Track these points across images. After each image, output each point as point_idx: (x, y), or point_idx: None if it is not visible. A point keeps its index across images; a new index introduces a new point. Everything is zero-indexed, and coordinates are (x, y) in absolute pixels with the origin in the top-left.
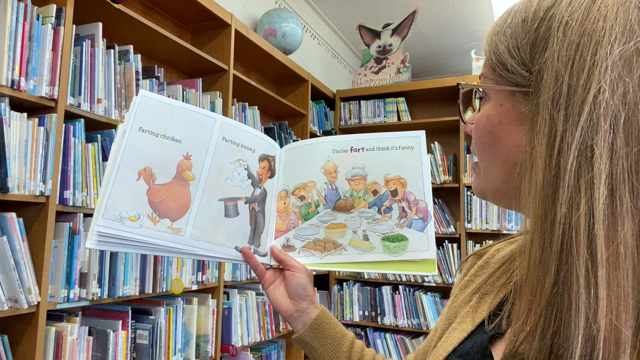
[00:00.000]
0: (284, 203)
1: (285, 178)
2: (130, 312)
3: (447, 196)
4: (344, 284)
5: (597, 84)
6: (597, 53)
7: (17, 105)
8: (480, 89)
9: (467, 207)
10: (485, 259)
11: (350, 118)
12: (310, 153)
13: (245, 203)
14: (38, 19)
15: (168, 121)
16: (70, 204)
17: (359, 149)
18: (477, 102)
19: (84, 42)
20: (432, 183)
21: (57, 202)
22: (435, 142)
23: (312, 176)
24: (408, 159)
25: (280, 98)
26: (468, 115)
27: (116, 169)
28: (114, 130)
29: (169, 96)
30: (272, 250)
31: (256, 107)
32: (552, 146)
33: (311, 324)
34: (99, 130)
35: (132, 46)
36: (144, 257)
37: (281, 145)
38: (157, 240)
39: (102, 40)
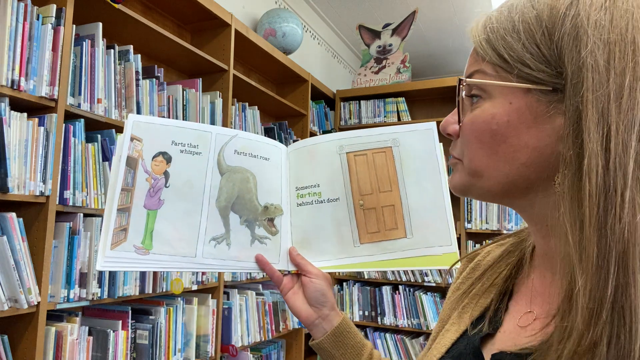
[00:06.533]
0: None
1: (295, 180)
2: (130, 312)
3: None
4: (344, 284)
5: None
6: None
7: (17, 105)
8: (475, 87)
9: (467, 207)
10: (477, 261)
11: (350, 118)
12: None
13: None
14: (38, 19)
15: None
16: (70, 204)
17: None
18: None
19: (84, 42)
20: None
21: (57, 202)
22: None
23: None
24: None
25: (280, 98)
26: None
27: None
28: (114, 130)
29: (169, 97)
30: (291, 252)
31: (256, 107)
32: (607, 147)
33: (333, 331)
34: (99, 130)
35: (132, 46)
36: None
37: (281, 142)
38: (171, 263)
39: (102, 40)
